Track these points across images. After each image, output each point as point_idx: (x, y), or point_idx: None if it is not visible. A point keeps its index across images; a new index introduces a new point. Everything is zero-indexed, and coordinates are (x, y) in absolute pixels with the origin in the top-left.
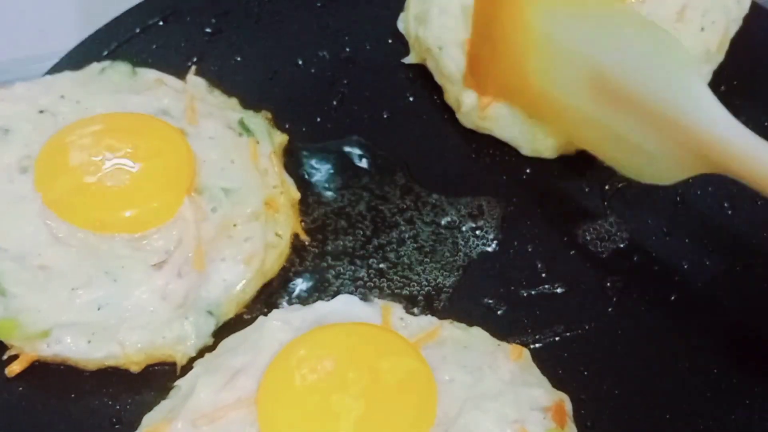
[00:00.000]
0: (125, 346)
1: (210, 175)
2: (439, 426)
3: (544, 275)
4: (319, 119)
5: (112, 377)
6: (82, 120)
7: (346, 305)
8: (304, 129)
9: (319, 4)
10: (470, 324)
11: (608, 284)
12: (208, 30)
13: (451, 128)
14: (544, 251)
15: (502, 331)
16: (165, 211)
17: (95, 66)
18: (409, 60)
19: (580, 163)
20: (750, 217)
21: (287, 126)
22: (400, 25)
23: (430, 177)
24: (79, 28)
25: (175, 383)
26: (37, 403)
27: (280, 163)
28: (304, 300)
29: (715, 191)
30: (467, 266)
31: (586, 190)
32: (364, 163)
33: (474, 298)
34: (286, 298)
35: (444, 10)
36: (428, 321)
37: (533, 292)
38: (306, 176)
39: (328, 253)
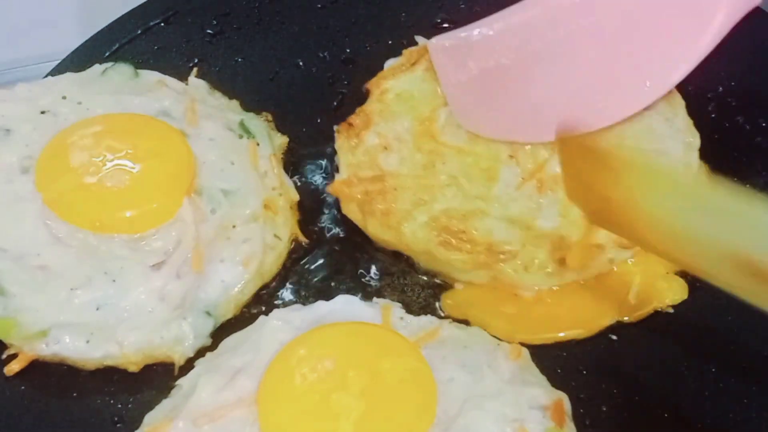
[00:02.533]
0: (123, 346)
1: (209, 176)
2: (439, 425)
3: None
4: (319, 120)
5: (113, 376)
6: (83, 121)
7: (346, 305)
8: (304, 130)
9: (319, 6)
10: (470, 324)
11: None
12: (209, 31)
13: None
14: None
15: None
16: (164, 212)
17: (97, 67)
18: None
19: None
20: None
21: (287, 127)
22: None
23: None
24: (80, 30)
25: (176, 382)
26: (39, 401)
27: (279, 165)
28: (304, 300)
29: None
30: None
31: None
32: None
33: None
34: (286, 298)
35: None
36: (428, 321)
37: None
38: (305, 178)
39: (327, 253)
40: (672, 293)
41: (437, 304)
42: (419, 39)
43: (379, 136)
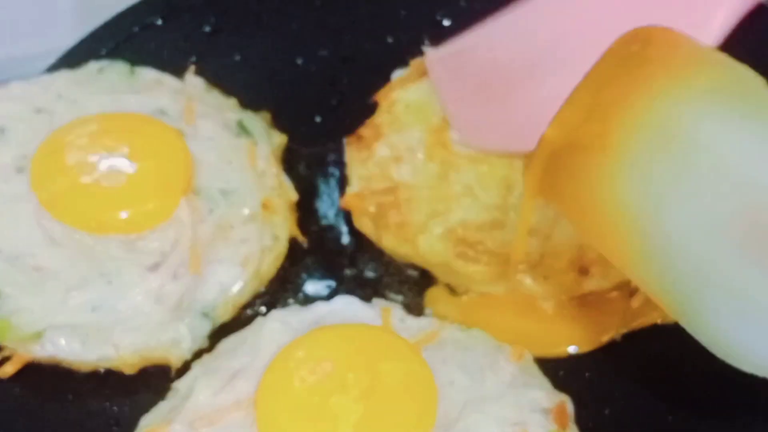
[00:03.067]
0: (119, 349)
1: (207, 176)
2: (440, 428)
3: None
4: (318, 119)
5: (109, 379)
6: (78, 120)
7: (345, 306)
8: (303, 129)
9: (318, 4)
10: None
11: None
12: (207, 29)
13: None
14: None
15: None
16: (161, 212)
17: (93, 65)
18: None
19: None
20: None
21: (286, 126)
22: None
23: None
24: (77, 27)
25: (173, 385)
26: (33, 404)
27: (278, 165)
28: (303, 301)
29: None
30: None
31: None
32: None
33: None
34: (285, 299)
35: None
36: (428, 322)
37: None
38: (304, 177)
39: (326, 254)
40: None
41: None
42: (427, 49)
43: (390, 147)
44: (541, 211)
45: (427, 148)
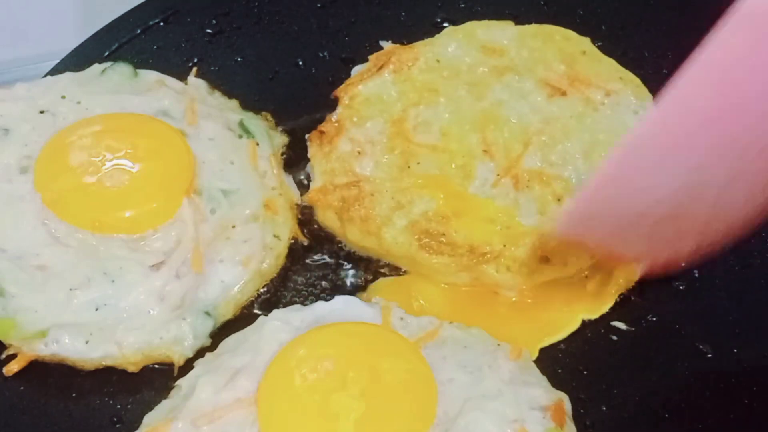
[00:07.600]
0: (123, 347)
1: (209, 176)
2: (439, 426)
3: None
4: (319, 120)
5: (112, 377)
6: (82, 120)
7: (346, 305)
8: (304, 130)
9: (319, 5)
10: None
11: None
12: (208, 31)
13: None
14: None
15: None
16: (164, 212)
17: (96, 67)
18: None
19: None
20: None
21: (287, 127)
22: None
23: None
24: (80, 29)
25: (176, 383)
26: (38, 402)
27: (279, 165)
28: (304, 300)
29: None
30: None
31: None
32: None
33: None
34: (286, 298)
35: None
36: (428, 321)
37: None
38: (305, 177)
39: (327, 254)
40: (625, 275)
41: None
42: (384, 44)
43: (351, 141)
44: (499, 199)
45: (387, 140)
